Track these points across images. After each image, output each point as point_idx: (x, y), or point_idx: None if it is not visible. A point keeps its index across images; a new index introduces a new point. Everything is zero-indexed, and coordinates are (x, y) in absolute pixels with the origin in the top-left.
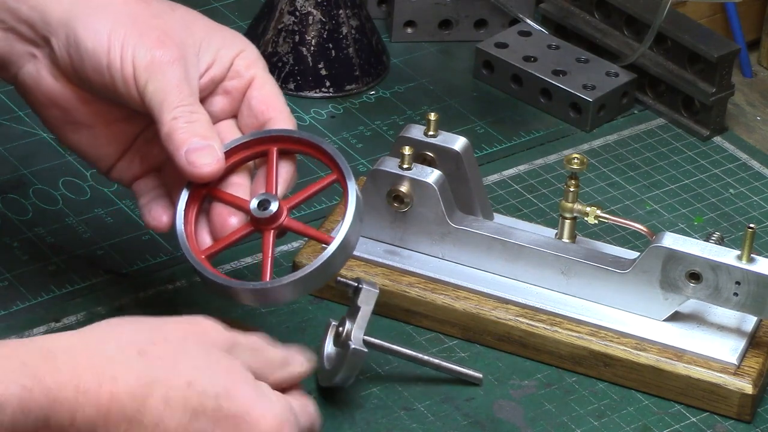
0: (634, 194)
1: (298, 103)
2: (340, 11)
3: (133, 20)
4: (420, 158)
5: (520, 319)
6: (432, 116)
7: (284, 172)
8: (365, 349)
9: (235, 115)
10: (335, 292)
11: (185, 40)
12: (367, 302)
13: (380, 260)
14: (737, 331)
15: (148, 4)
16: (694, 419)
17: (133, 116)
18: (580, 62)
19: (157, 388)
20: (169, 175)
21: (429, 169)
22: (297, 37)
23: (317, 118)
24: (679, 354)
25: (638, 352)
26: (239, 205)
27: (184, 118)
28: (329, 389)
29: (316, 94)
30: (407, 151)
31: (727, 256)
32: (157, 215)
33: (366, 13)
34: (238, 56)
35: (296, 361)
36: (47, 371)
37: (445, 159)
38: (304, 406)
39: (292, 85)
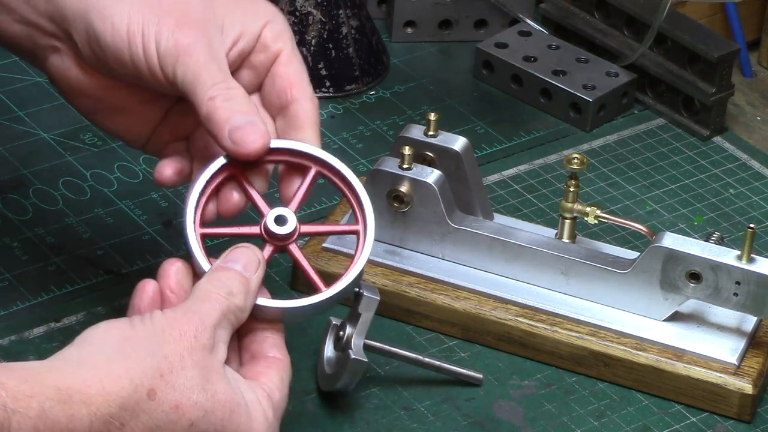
0: (634, 194)
1: None
2: (340, 11)
3: (149, 6)
4: (420, 158)
5: (520, 319)
6: (432, 116)
7: (302, 191)
8: (365, 359)
9: (259, 89)
10: None
11: (206, 17)
12: (367, 309)
13: (380, 260)
14: (737, 332)
15: None
16: (694, 419)
17: (163, 94)
18: (580, 62)
19: None
20: (195, 145)
21: (429, 169)
22: (297, 37)
23: None
24: (679, 354)
25: (638, 352)
26: (257, 209)
27: (221, 96)
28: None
29: (316, 94)
30: (407, 151)
31: (727, 256)
32: (161, 168)
33: (366, 13)
34: (265, 26)
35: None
36: (62, 417)
37: (445, 159)
38: (281, 384)
39: None
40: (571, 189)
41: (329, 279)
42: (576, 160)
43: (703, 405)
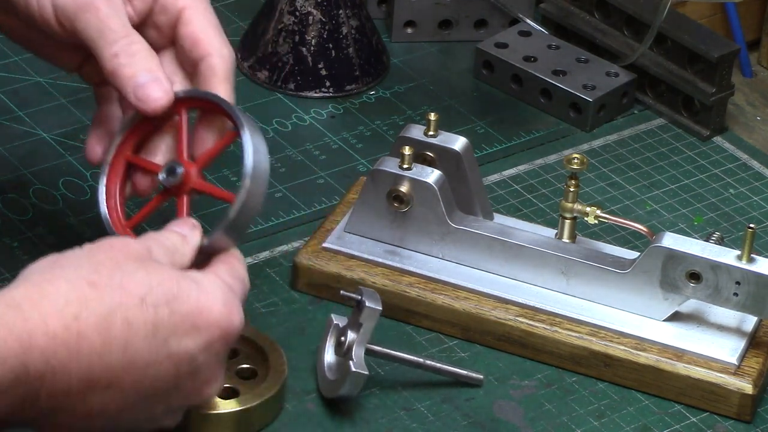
0: (634, 194)
1: (298, 103)
2: (340, 11)
3: None
4: (420, 158)
5: (520, 319)
6: (432, 116)
7: (205, 135)
8: (366, 372)
9: (171, 46)
10: (334, 292)
11: None
12: (369, 319)
13: (380, 260)
14: (737, 331)
15: None
16: (694, 419)
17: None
18: (580, 62)
19: (116, 314)
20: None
21: (429, 169)
22: (297, 37)
23: (317, 118)
24: (679, 354)
25: (638, 352)
26: (153, 171)
27: (124, 52)
28: None
29: (316, 94)
30: (407, 151)
31: (727, 256)
32: (91, 148)
33: (366, 13)
34: None
35: (190, 236)
36: (17, 321)
37: (445, 159)
38: (231, 271)
39: (292, 85)
40: (571, 189)
41: (330, 280)
42: (576, 160)
43: (703, 405)
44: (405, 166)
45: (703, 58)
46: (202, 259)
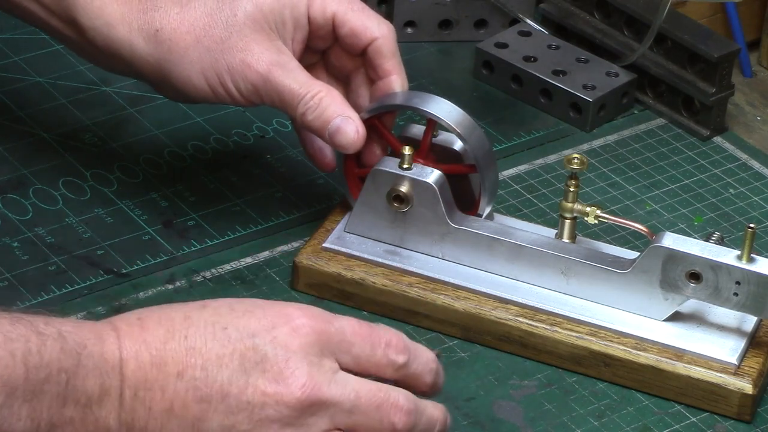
0: (634, 194)
1: None
2: None
3: (208, 50)
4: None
5: (520, 319)
6: (407, 150)
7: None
8: None
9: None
10: (335, 293)
11: (266, 33)
12: None
13: (380, 260)
14: (737, 331)
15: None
16: (694, 419)
17: None
18: (580, 62)
19: (177, 312)
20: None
21: (429, 169)
22: None
23: None
24: (679, 354)
25: (638, 352)
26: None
27: (309, 109)
28: None
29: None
30: (407, 150)
31: (727, 256)
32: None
33: None
34: (309, 6)
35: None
36: (87, 323)
37: (445, 158)
38: None
39: None
40: (572, 189)
41: (330, 280)
42: (576, 160)
43: (703, 405)
44: (405, 166)
45: (703, 58)
46: None
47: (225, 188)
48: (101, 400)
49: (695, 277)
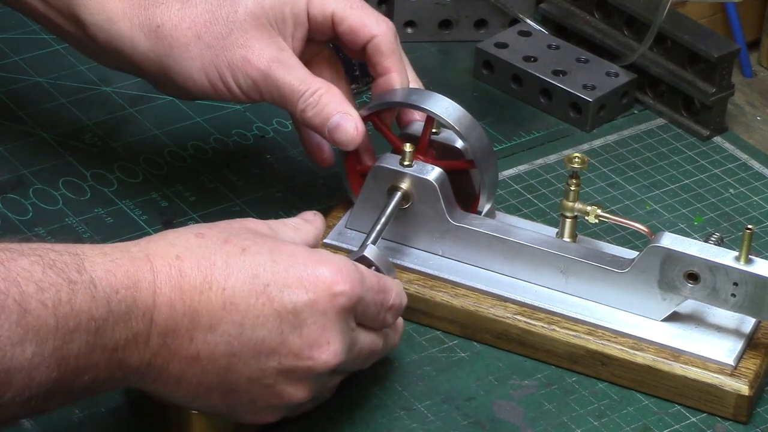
0: (634, 194)
1: None
2: None
3: (209, 47)
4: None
5: (518, 317)
6: (407, 147)
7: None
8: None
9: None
10: None
11: (267, 30)
12: None
13: None
14: (735, 333)
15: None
16: (694, 419)
17: None
18: (580, 62)
19: (216, 257)
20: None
21: (430, 166)
22: None
23: None
24: (676, 354)
25: (635, 352)
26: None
27: (309, 105)
28: None
29: None
30: (408, 148)
31: (725, 256)
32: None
33: None
34: (309, 4)
35: (313, 219)
36: (124, 258)
37: (446, 156)
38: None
39: None
40: (572, 188)
41: None
42: (577, 159)
43: (700, 405)
44: (406, 163)
45: (703, 58)
46: None
47: (225, 188)
48: (127, 345)
49: (693, 277)
